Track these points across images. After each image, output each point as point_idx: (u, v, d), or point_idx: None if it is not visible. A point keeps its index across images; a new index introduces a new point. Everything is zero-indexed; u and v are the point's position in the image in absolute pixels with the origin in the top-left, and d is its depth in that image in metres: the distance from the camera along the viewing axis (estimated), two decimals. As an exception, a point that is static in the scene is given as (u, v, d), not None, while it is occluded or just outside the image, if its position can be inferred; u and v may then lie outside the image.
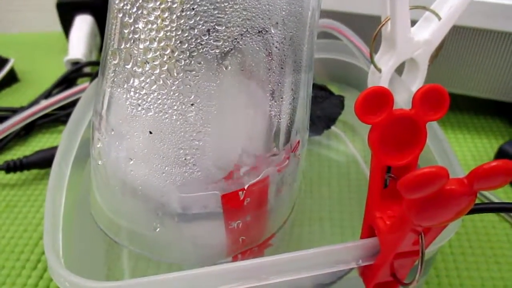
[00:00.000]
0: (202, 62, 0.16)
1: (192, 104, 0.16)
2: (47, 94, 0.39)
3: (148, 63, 0.16)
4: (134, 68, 0.16)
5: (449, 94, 0.41)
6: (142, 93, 0.17)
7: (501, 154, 0.32)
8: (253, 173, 0.18)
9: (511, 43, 0.31)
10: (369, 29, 0.25)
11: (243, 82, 0.17)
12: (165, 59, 0.16)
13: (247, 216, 0.19)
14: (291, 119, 0.19)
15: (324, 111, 0.31)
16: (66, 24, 0.49)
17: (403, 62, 0.26)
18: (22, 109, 0.36)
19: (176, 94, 0.16)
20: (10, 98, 0.45)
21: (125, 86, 0.17)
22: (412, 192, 0.12)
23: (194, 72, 0.16)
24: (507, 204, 0.16)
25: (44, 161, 0.33)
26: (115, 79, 0.17)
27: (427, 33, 0.25)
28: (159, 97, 0.16)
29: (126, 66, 0.17)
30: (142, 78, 0.16)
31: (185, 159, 0.17)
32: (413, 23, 0.25)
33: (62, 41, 0.51)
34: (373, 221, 0.17)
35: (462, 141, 0.36)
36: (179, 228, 0.19)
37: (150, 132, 0.17)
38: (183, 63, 0.16)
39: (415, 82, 0.26)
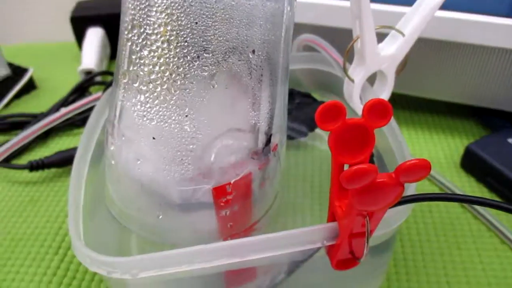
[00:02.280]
0: (194, 82, 0.20)
1: (186, 116, 0.20)
2: (64, 101, 0.43)
3: (151, 83, 0.20)
4: (140, 86, 0.20)
5: (425, 99, 0.45)
6: (146, 106, 0.20)
7: (467, 152, 0.36)
8: (238, 170, 0.22)
9: (476, 54, 0.35)
10: (348, 41, 0.29)
11: (227, 96, 0.21)
12: (164, 79, 0.20)
13: (234, 206, 0.23)
14: (269, 125, 0.23)
15: (308, 115, 0.35)
16: (79, 36, 0.53)
17: (374, 73, 0.30)
18: (43, 115, 0.41)
19: (174, 107, 0.20)
20: (29, 104, 0.49)
21: (133, 101, 0.21)
22: (350, 183, 0.16)
23: (187, 90, 0.20)
24: (438, 195, 0.20)
25: (63, 160, 0.37)
26: (125, 95, 0.21)
27: (393, 49, 0.29)
28: (160, 110, 0.20)
29: (134, 85, 0.20)
30: (147, 95, 0.20)
31: (182, 159, 0.21)
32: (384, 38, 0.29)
33: (75, 51, 0.56)
34: (334, 208, 0.21)
35: (436, 141, 0.40)
36: (178, 216, 0.23)
37: (153, 138, 0.21)
38: (179, 83, 0.20)
39: (384, 90, 0.30)
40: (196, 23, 0.19)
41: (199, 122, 0.20)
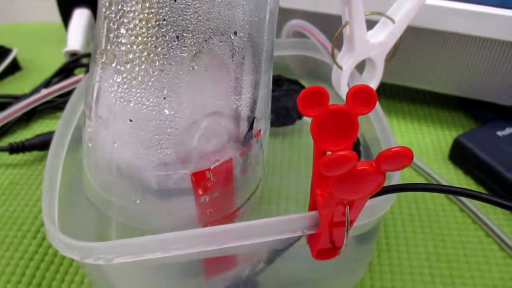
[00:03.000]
0: (173, 63, 0.19)
1: (165, 98, 0.19)
2: (47, 83, 0.42)
3: (129, 63, 0.19)
4: (117, 66, 0.20)
5: (416, 89, 0.45)
6: (124, 87, 0.20)
7: (456, 144, 0.36)
8: (218, 156, 0.22)
9: (466, 44, 0.34)
10: (337, 27, 0.28)
11: (208, 79, 0.20)
12: (142, 59, 0.19)
13: (214, 192, 0.23)
14: (252, 110, 0.22)
15: (296, 102, 0.34)
16: (66, 16, 0.52)
17: (363, 61, 0.29)
18: (25, 96, 0.40)
19: (152, 89, 0.19)
20: (13, 85, 0.48)
21: (110, 81, 0.20)
22: (329, 170, 0.15)
23: (166, 71, 0.19)
24: (420, 185, 0.20)
25: (43, 143, 0.36)
26: (102, 75, 0.20)
27: (382, 36, 0.28)
28: (138, 91, 0.19)
29: (112, 65, 0.20)
30: (124, 75, 0.19)
31: (159, 143, 0.20)
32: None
33: (61, 32, 0.54)
34: (315, 197, 0.21)
35: (425, 132, 0.40)
36: (156, 201, 0.22)
37: (130, 120, 0.20)
38: (157, 63, 0.19)
39: (373, 79, 0.30)
40: (175, 0, 0.18)
41: (178, 105, 0.20)
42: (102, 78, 0.20)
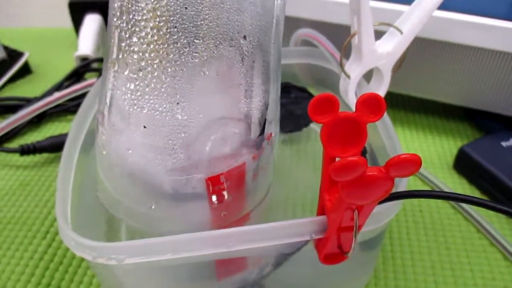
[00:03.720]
0: (184, 69, 0.19)
1: (177, 103, 0.20)
2: (59, 87, 0.43)
3: (141, 70, 0.19)
4: (130, 74, 0.20)
5: (422, 98, 0.45)
6: (137, 95, 0.20)
7: (460, 153, 0.36)
8: (232, 160, 0.22)
9: (472, 56, 0.35)
10: (345, 37, 0.29)
11: (219, 83, 0.20)
12: (154, 67, 0.19)
13: (228, 196, 0.23)
14: (263, 113, 0.23)
15: (304, 110, 0.35)
16: (77, 22, 0.52)
17: (370, 70, 0.30)
18: (36, 99, 0.40)
19: (165, 95, 0.20)
20: (24, 88, 0.48)
21: (123, 89, 0.20)
22: (339, 175, 0.16)
23: (178, 77, 0.19)
24: (427, 192, 0.20)
25: (54, 146, 0.37)
26: (115, 83, 0.21)
27: (390, 46, 0.29)
28: (151, 98, 0.20)
29: (124, 73, 0.20)
30: (137, 82, 0.20)
31: (173, 148, 0.21)
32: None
33: (72, 37, 0.55)
34: (324, 202, 0.21)
35: (430, 141, 0.40)
36: (171, 206, 0.22)
37: (144, 127, 0.20)
38: (169, 70, 0.19)
39: (380, 88, 0.30)
40: (186, 8, 0.19)
41: (191, 110, 0.20)
42: (114, 86, 0.21)
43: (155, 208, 0.23)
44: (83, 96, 0.39)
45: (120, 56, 0.20)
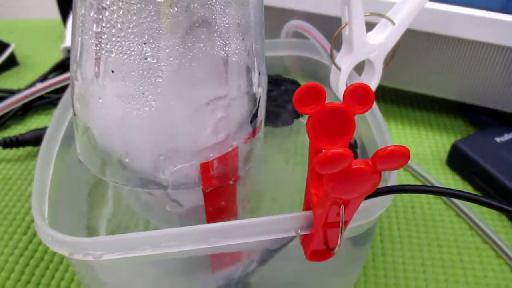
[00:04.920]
0: (151, 6, 0.17)
1: (145, 43, 0.18)
2: (43, 78, 0.42)
3: (106, 9, 0.18)
4: (95, 15, 0.18)
5: (415, 93, 0.44)
6: (104, 37, 0.19)
7: (454, 149, 0.35)
8: (225, 144, 0.21)
9: (467, 49, 0.34)
10: (337, 29, 0.28)
11: (189, 21, 0.18)
12: (120, 4, 0.18)
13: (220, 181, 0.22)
14: (255, 101, 0.22)
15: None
16: (64, 13, 0.51)
17: (362, 62, 0.29)
18: (20, 91, 0.39)
19: (132, 36, 0.18)
20: (10, 80, 0.47)
21: (89, 33, 0.19)
22: (323, 168, 0.15)
23: (144, 15, 0.18)
24: (416, 186, 0.19)
25: (37, 139, 0.36)
26: (83, 28, 0.19)
27: (382, 37, 0.28)
28: (118, 40, 0.18)
29: (90, 14, 0.18)
30: (103, 24, 0.18)
31: (143, 94, 0.19)
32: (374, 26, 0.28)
33: (60, 29, 0.54)
34: (310, 197, 0.20)
35: (423, 137, 0.39)
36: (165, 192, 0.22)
37: (113, 71, 0.19)
38: (135, 7, 0.18)
39: (372, 80, 0.29)
40: None
41: (160, 51, 0.19)
42: (83, 32, 0.19)
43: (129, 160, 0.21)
44: (67, 87, 0.38)
45: None
